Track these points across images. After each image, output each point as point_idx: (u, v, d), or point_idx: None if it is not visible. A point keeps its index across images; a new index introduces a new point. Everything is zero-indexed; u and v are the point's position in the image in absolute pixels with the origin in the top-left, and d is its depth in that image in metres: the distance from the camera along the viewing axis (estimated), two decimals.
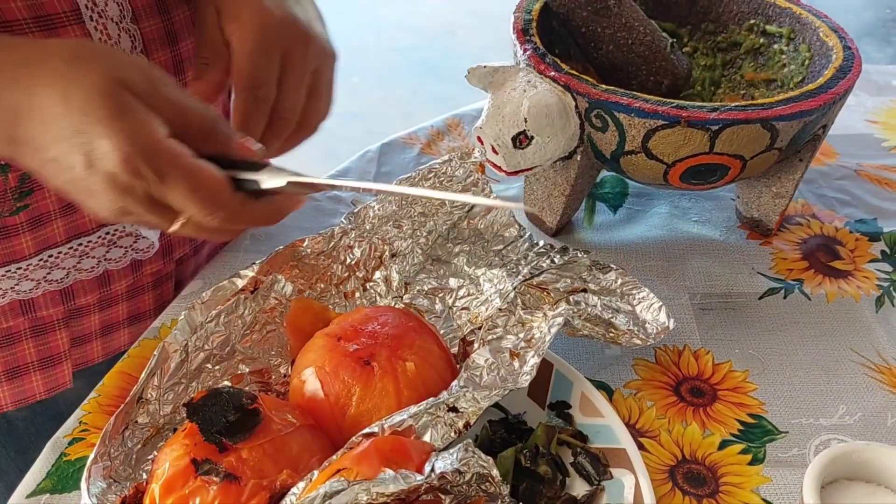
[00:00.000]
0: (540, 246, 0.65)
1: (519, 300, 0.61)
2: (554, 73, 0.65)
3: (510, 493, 0.51)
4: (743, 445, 0.59)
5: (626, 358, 0.65)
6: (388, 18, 3.42)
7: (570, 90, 0.64)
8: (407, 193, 0.66)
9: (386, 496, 0.42)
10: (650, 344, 0.59)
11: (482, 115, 0.66)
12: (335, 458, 0.47)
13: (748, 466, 0.57)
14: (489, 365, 0.54)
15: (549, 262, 0.63)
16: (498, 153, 0.65)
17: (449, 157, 0.69)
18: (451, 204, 0.68)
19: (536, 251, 0.65)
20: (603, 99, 0.62)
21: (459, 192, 0.68)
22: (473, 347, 0.60)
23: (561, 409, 0.58)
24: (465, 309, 0.64)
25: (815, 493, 0.46)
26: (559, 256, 0.63)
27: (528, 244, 0.66)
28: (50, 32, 0.54)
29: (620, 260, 0.74)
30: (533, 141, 0.65)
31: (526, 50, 0.68)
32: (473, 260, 0.66)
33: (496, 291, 0.63)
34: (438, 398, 0.51)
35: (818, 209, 0.81)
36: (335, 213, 0.79)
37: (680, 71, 0.72)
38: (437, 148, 0.90)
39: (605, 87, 0.63)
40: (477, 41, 3.21)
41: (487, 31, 3.15)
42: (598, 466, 0.54)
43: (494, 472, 0.45)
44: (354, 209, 0.67)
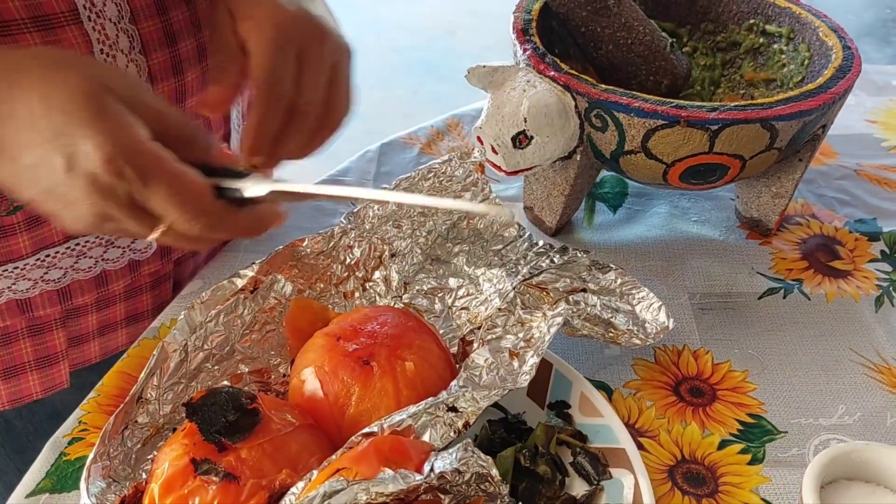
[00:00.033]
0: (539, 246, 0.65)
1: (518, 300, 0.61)
2: (553, 72, 0.65)
3: (509, 492, 0.51)
4: (742, 445, 0.59)
5: (625, 358, 0.65)
6: (388, 18, 3.42)
7: (569, 90, 0.64)
8: (394, 201, 0.62)
9: (385, 496, 0.42)
10: (649, 344, 0.59)
11: (482, 114, 0.66)
12: (334, 457, 0.47)
13: (747, 466, 0.57)
14: (488, 365, 0.54)
15: (548, 261, 0.63)
16: (497, 153, 0.65)
17: (449, 156, 0.69)
18: None
19: (536, 251, 0.65)
20: (602, 99, 0.62)
21: (459, 191, 0.68)
22: (473, 347, 0.60)
23: (560, 408, 0.58)
24: (464, 309, 0.64)
25: (814, 492, 0.46)
26: (559, 256, 0.63)
27: (527, 244, 0.66)
28: (48, 32, 0.54)
29: (620, 260, 0.74)
30: (532, 141, 0.65)
31: (525, 50, 0.68)
32: (473, 260, 0.66)
33: (495, 291, 0.63)
34: (438, 398, 0.51)
35: (818, 209, 0.81)
36: (335, 212, 0.79)
37: (679, 71, 0.72)
38: (436, 148, 0.90)
39: (604, 86, 0.63)
40: (477, 41, 3.21)
41: (487, 31, 3.15)
42: (597, 466, 0.54)
43: (494, 471, 0.45)
44: (354, 209, 0.67)
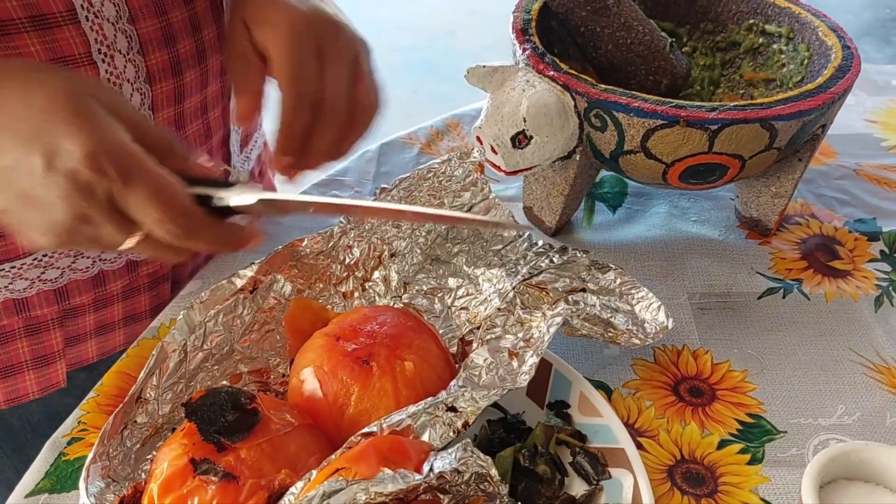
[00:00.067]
0: (539, 246, 0.65)
1: (518, 300, 0.61)
2: (553, 72, 0.65)
3: (509, 492, 0.51)
4: (742, 445, 0.59)
5: (624, 358, 0.65)
6: (388, 18, 3.42)
7: (569, 90, 0.64)
8: (383, 209, 0.60)
9: (384, 496, 0.42)
10: (649, 343, 0.59)
11: (481, 114, 0.66)
12: (333, 457, 0.47)
13: (747, 466, 0.57)
14: (488, 364, 0.54)
15: (548, 261, 0.63)
16: (497, 153, 0.65)
17: (448, 156, 0.69)
18: (450, 204, 0.68)
19: (535, 251, 0.65)
20: (602, 98, 0.62)
21: (458, 191, 0.68)
22: (472, 347, 0.60)
23: (560, 408, 0.58)
24: (463, 309, 0.64)
25: (813, 492, 0.46)
26: (558, 256, 0.63)
27: (527, 244, 0.66)
28: (45, 32, 0.54)
29: (619, 259, 0.74)
30: (532, 141, 0.65)
31: (525, 49, 0.68)
32: (472, 260, 0.66)
33: (495, 291, 0.63)
34: (437, 398, 0.50)
35: (817, 209, 0.81)
36: None
37: (679, 70, 0.72)
38: (436, 148, 0.90)
39: (604, 86, 0.63)
40: (477, 41, 3.21)
41: (487, 31, 3.15)
42: (596, 466, 0.54)
43: (493, 471, 0.45)
44: None
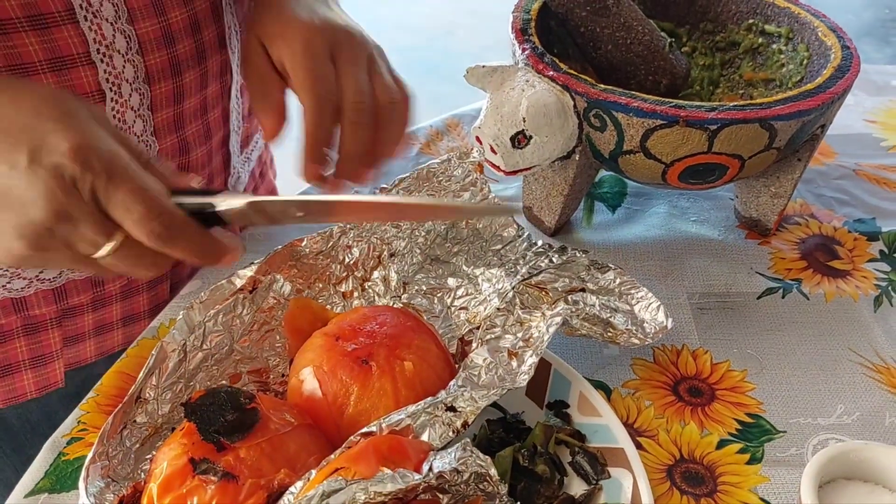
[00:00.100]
0: (538, 245, 0.65)
1: (517, 300, 0.61)
2: (552, 72, 0.65)
3: (508, 492, 0.51)
4: (741, 445, 0.59)
5: (624, 357, 0.65)
6: (388, 18, 3.42)
7: (568, 90, 0.64)
8: (380, 202, 0.57)
9: (384, 495, 0.42)
10: (648, 343, 0.59)
11: (481, 114, 0.66)
12: (333, 457, 0.47)
13: (746, 466, 0.57)
14: (487, 364, 0.54)
15: (547, 261, 0.63)
16: (496, 153, 0.65)
17: (448, 156, 0.69)
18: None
19: (535, 251, 0.65)
20: (601, 98, 0.62)
21: (458, 191, 0.68)
22: (472, 347, 0.60)
23: (559, 408, 0.58)
24: (463, 308, 0.64)
25: (812, 492, 0.46)
26: (557, 256, 0.63)
27: (526, 244, 0.66)
28: (44, 31, 0.54)
29: (619, 259, 0.74)
30: (531, 140, 0.65)
31: (524, 49, 0.68)
32: (472, 259, 0.66)
33: (494, 291, 0.63)
34: (436, 397, 0.51)
35: (817, 209, 0.81)
36: None
37: (678, 70, 0.72)
38: (436, 148, 0.90)
39: (603, 86, 0.63)
40: (476, 41, 3.22)
41: (487, 31, 3.16)
42: (595, 466, 0.54)
43: (492, 471, 0.45)
44: None
